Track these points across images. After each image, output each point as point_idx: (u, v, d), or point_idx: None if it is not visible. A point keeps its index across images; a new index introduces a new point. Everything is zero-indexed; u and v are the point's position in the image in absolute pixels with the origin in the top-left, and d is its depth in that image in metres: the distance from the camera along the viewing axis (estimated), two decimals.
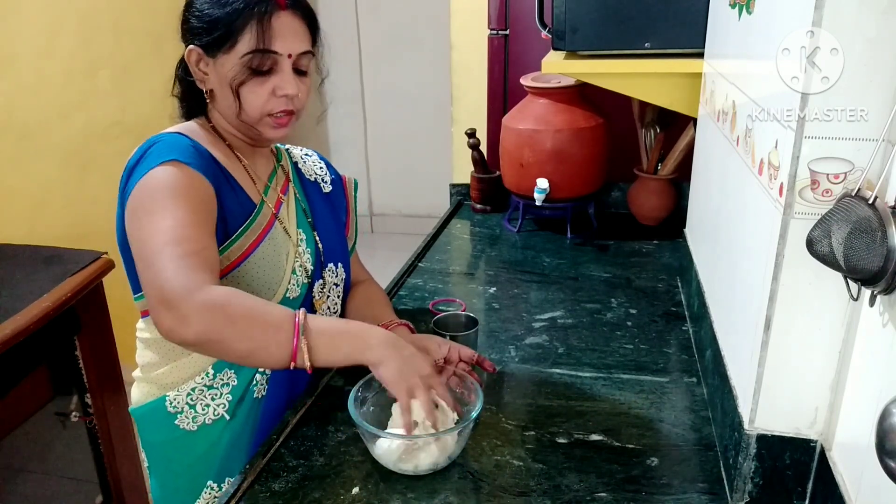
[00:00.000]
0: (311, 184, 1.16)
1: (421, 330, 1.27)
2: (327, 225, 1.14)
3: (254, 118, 0.96)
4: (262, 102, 0.94)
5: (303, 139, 4.09)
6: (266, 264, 0.99)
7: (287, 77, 0.94)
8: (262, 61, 0.92)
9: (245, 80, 0.92)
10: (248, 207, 1.00)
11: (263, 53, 0.91)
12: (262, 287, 0.99)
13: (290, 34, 0.93)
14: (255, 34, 0.90)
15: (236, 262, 0.96)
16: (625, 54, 1.44)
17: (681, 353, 1.19)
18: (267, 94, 0.94)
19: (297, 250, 1.05)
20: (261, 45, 0.90)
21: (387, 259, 3.81)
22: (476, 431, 0.97)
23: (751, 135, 0.85)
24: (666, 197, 1.74)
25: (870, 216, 0.58)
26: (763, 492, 0.79)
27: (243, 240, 0.97)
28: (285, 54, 0.93)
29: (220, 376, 0.99)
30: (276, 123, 0.97)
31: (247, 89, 0.93)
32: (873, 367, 0.65)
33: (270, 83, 0.93)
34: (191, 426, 0.99)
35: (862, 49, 0.61)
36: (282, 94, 0.94)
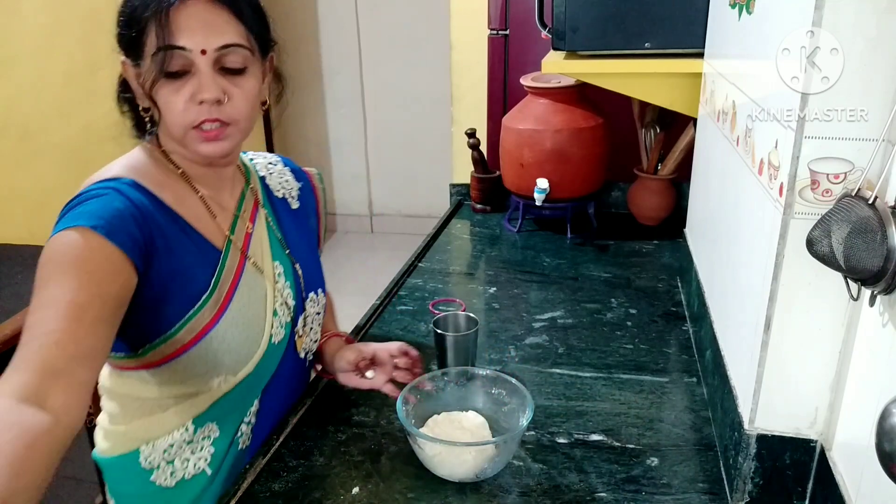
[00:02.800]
0: (279, 202, 1.03)
1: (421, 330, 1.27)
2: (302, 248, 1.03)
3: (177, 133, 0.82)
4: (179, 112, 0.79)
5: (303, 139, 4.10)
6: (244, 317, 0.88)
7: (205, 78, 0.79)
8: (171, 60, 0.77)
9: (156, 84, 0.78)
10: (211, 255, 0.87)
11: (168, 50, 0.76)
12: (243, 344, 0.88)
13: (202, 25, 0.78)
14: (157, 29, 0.76)
15: (209, 325, 0.84)
16: (625, 54, 1.44)
17: (681, 353, 1.19)
18: (184, 101, 0.79)
19: (275, 287, 0.94)
20: (163, 41, 0.76)
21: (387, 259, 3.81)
22: None
23: (751, 135, 0.85)
24: (666, 197, 1.74)
25: (870, 216, 0.58)
26: (763, 492, 0.79)
27: (214, 298, 0.85)
28: (196, 50, 0.78)
29: (202, 430, 0.90)
30: (203, 137, 0.82)
31: (162, 98, 0.79)
32: (873, 367, 0.65)
33: (187, 88, 0.79)
34: (168, 482, 0.90)
35: (862, 49, 0.61)
36: (199, 98, 0.79)
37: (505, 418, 0.94)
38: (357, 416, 1.02)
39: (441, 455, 0.86)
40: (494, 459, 0.86)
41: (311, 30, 3.87)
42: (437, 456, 0.86)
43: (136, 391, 0.88)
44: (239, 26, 0.81)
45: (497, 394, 0.96)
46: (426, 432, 0.90)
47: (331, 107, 4.03)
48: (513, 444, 0.88)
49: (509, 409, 0.94)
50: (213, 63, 0.79)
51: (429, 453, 0.86)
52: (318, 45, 3.90)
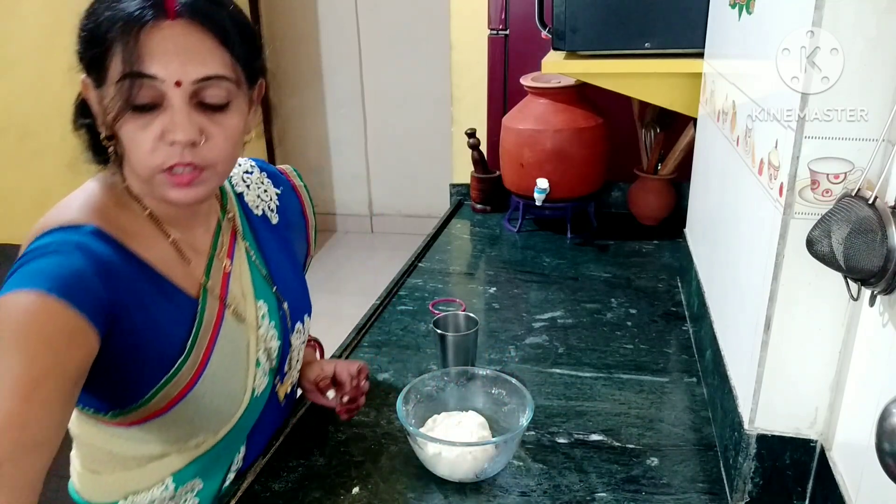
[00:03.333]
0: (259, 221, 0.91)
1: (421, 330, 1.27)
2: (286, 274, 0.92)
3: (143, 174, 0.70)
4: (146, 152, 0.67)
5: (303, 139, 4.10)
6: (223, 375, 0.79)
7: (178, 115, 0.66)
8: (139, 91, 0.65)
9: (120, 117, 0.66)
10: (186, 308, 0.76)
11: (135, 79, 0.64)
12: (223, 403, 0.80)
13: (178, 52, 0.65)
14: (123, 54, 0.64)
15: (185, 388, 0.75)
16: (625, 54, 1.44)
17: (681, 353, 1.18)
18: (152, 139, 0.67)
19: (257, 334, 0.83)
20: (129, 67, 0.64)
21: (387, 259, 3.82)
22: None
23: (751, 135, 0.85)
24: (666, 197, 1.74)
25: (870, 216, 0.58)
26: (763, 492, 0.79)
27: (191, 361, 0.75)
28: (170, 81, 0.65)
29: (184, 487, 0.82)
30: (174, 182, 0.69)
31: (126, 133, 0.67)
32: (873, 367, 0.65)
33: (157, 124, 0.67)
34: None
35: (862, 49, 0.61)
36: (171, 139, 0.67)
37: (505, 418, 0.94)
38: (357, 416, 1.02)
39: (441, 455, 0.86)
40: (494, 459, 0.86)
41: (311, 30, 3.87)
42: (437, 456, 0.86)
43: (108, 445, 0.80)
44: (224, 54, 0.68)
45: (497, 394, 0.96)
46: (426, 432, 0.90)
47: (331, 107, 4.03)
48: (513, 444, 0.88)
49: (509, 409, 0.94)
50: (190, 97, 0.67)
51: (429, 453, 0.86)
52: (318, 45, 3.90)
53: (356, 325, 1.29)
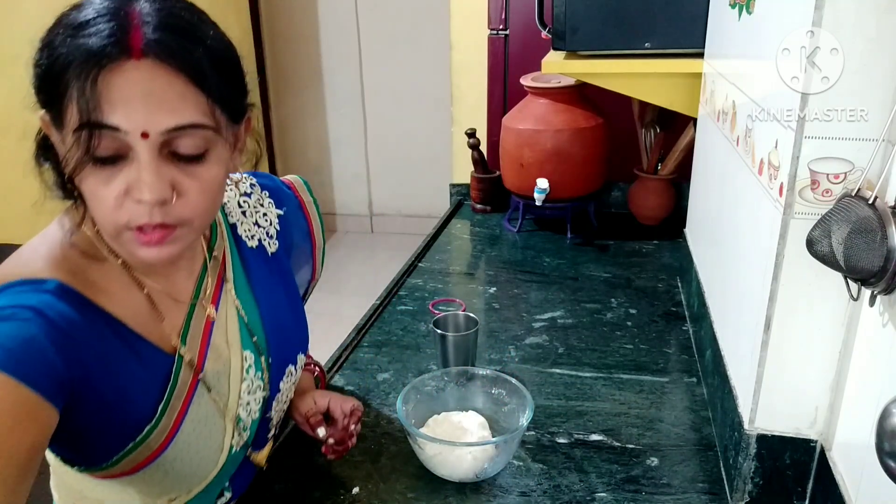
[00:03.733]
0: (252, 253, 0.83)
1: (421, 330, 1.27)
2: (279, 311, 0.84)
3: (107, 231, 0.62)
4: (109, 209, 0.59)
5: (303, 139, 4.10)
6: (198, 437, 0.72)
7: (146, 170, 0.57)
8: (99, 142, 0.56)
9: (79, 170, 0.58)
10: (160, 367, 0.69)
11: (93, 129, 0.55)
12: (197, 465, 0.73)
13: (145, 98, 0.56)
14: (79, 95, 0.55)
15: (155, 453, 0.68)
16: (625, 54, 1.44)
17: (681, 353, 1.18)
18: (116, 196, 0.58)
19: (240, 388, 0.76)
20: (87, 116, 0.55)
21: (387, 259, 3.82)
22: None
23: (751, 135, 0.85)
24: (666, 197, 1.74)
25: (870, 216, 0.58)
26: (763, 492, 0.79)
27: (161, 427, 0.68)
28: (135, 132, 0.56)
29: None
30: (142, 241, 0.61)
31: (87, 187, 0.59)
32: (873, 367, 0.65)
33: (120, 179, 0.58)
34: None
35: (862, 49, 0.61)
36: (137, 197, 0.58)
37: (505, 418, 0.94)
38: None
39: (441, 455, 0.86)
40: (494, 459, 0.86)
41: (311, 30, 3.87)
42: (437, 456, 0.86)
43: (82, 487, 0.74)
44: (199, 98, 0.59)
45: (497, 394, 0.96)
46: (426, 432, 0.90)
47: (331, 107, 4.03)
48: (513, 444, 0.88)
49: (509, 409, 0.94)
50: (159, 148, 0.58)
51: (429, 453, 0.86)
52: (318, 45, 3.90)
53: (356, 325, 1.29)
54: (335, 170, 4.18)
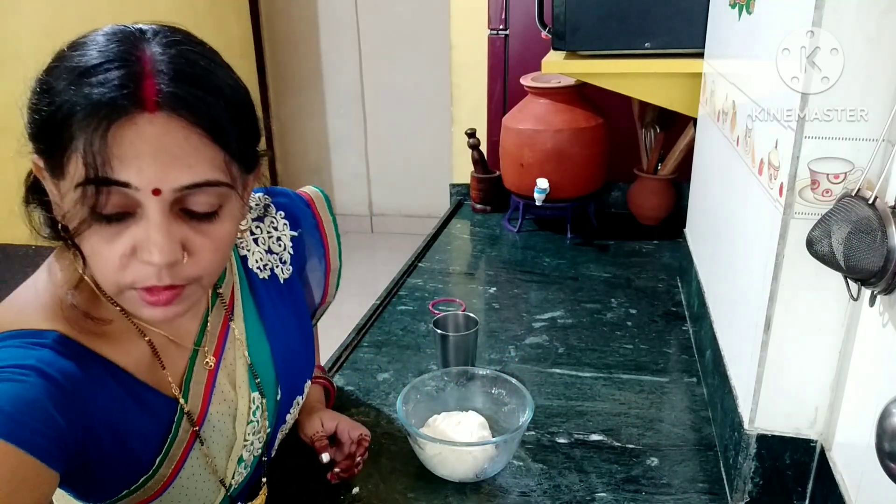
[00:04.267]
0: (263, 284, 0.78)
1: (421, 330, 1.27)
2: (290, 341, 0.80)
3: (110, 289, 0.58)
4: (112, 269, 0.55)
5: (303, 139, 4.10)
6: (196, 481, 0.69)
7: (155, 230, 0.53)
8: (106, 199, 0.52)
9: (82, 227, 0.53)
10: (164, 412, 0.66)
11: (101, 185, 0.51)
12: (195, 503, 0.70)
13: (157, 154, 0.52)
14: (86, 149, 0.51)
15: (152, 498, 0.66)
16: (625, 54, 1.44)
17: (681, 353, 1.19)
18: (121, 255, 0.55)
19: (245, 430, 0.73)
20: (94, 172, 0.51)
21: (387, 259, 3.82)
22: None
23: (751, 135, 0.85)
24: (666, 197, 1.74)
25: (870, 216, 0.58)
26: (763, 492, 0.79)
27: (160, 474, 0.66)
28: (146, 189, 0.52)
29: None
30: (147, 301, 0.57)
31: (87, 243, 0.55)
32: (873, 367, 0.65)
33: (126, 237, 0.54)
34: None
35: (862, 49, 0.61)
36: (145, 259, 0.54)
37: (505, 418, 0.94)
38: (357, 416, 1.02)
39: (441, 455, 0.86)
40: (494, 459, 0.86)
41: (311, 30, 3.87)
42: (437, 456, 0.86)
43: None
44: (216, 154, 0.55)
45: (497, 394, 0.96)
46: (426, 432, 0.90)
47: (331, 107, 4.03)
48: (513, 444, 0.88)
49: (509, 409, 0.94)
50: (171, 206, 0.54)
51: (429, 453, 0.86)
52: (318, 45, 3.90)
53: (356, 325, 1.29)
54: (335, 170, 4.18)
